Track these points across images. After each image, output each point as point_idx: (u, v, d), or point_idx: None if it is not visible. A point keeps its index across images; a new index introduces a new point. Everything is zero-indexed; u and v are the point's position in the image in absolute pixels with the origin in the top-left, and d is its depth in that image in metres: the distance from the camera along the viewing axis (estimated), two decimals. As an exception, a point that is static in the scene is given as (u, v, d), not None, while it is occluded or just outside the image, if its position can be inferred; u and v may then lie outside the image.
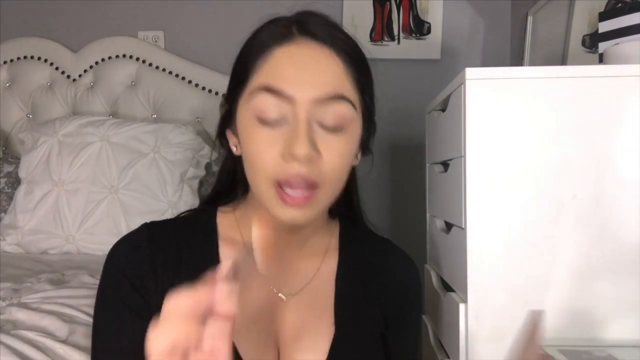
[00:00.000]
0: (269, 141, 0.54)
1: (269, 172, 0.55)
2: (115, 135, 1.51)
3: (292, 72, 0.54)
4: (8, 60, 1.85)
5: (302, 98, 0.54)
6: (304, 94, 0.54)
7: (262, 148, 0.55)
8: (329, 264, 0.68)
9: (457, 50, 1.77)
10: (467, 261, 0.82)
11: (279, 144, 0.54)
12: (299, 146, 0.52)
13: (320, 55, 0.55)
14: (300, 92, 0.54)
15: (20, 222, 1.44)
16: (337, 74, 0.56)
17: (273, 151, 0.54)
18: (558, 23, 1.35)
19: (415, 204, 1.52)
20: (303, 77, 0.54)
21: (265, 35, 0.58)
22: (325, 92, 0.54)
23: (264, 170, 0.55)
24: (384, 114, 1.97)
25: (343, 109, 0.55)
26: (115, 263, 0.62)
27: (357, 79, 0.58)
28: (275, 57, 0.56)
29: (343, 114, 0.55)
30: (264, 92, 0.55)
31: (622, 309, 0.79)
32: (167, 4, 1.83)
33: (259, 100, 0.55)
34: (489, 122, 0.82)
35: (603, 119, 0.79)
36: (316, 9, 0.61)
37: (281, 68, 0.55)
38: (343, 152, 0.56)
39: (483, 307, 0.82)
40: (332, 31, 0.57)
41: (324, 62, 0.55)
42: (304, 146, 0.52)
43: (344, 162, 0.57)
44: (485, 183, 0.82)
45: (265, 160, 0.55)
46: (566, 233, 0.80)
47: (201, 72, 1.75)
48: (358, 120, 0.59)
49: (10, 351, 0.73)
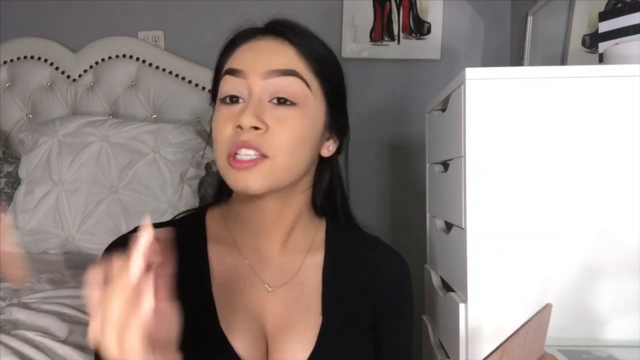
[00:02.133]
0: (226, 118, 0.61)
1: (224, 146, 0.60)
2: (115, 135, 1.51)
3: (249, 56, 0.62)
4: (8, 60, 1.85)
5: (253, 73, 0.61)
6: (255, 69, 0.61)
7: (219, 125, 0.62)
8: (315, 258, 0.70)
9: (457, 50, 1.77)
10: (467, 261, 0.82)
11: (233, 118, 0.60)
12: (244, 117, 0.58)
13: (276, 44, 0.63)
14: (251, 68, 0.61)
15: (20, 222, 1.44)
16: (289, 57, 0.62)
17: (228, 125, 0.60)
18: (558, 23, 1.35)
19: (415, 204, 1.52)
20: (256, 58, 0.62)
21: (236, 36, 0.66)
22: (274, 68, 0.61)
23: (221, 145, 0.61)
24: (384, 114, 1.98)
25: (292, 82, 0.61)
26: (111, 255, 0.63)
27: (312, 65, 0.63)
28: (239, 50, 0.64)
29: (292, 89, 0.61)
30: (226, 74, 0.63)
31: (622, 309, 0.79)
32: (167, 4, 1.83)
33: (223, 83, 0.63)
34: (489, 122, 0.82)
35: (603, 119, 0.80)
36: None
37: (241, 55, 0.63)
38: (293, 125, 0.61)
39: (483, 307, 0.82)
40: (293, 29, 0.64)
41: (278, 48, 0.63)
42: (248, 117, 0.58)
43: (294, 135, 0.61)
44: (485, 183, 0.82)
45: (221, 134, 0.61)
46: (566, 233, 0.80)
47: (201, 72, 1.75)
48: (313, 99, 0.64)
49: (10, 351, 0.73)
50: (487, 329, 0.82)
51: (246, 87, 0.61)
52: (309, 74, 0.63)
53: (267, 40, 0.64)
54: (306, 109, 0.62)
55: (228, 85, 0.62)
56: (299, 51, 0.63)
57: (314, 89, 0.63)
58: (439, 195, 1.11)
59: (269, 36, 0.64)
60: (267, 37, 0.64)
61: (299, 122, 0.61)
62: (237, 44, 0.65)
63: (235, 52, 0.64)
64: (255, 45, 0.63)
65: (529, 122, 0.81)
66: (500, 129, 0.81)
